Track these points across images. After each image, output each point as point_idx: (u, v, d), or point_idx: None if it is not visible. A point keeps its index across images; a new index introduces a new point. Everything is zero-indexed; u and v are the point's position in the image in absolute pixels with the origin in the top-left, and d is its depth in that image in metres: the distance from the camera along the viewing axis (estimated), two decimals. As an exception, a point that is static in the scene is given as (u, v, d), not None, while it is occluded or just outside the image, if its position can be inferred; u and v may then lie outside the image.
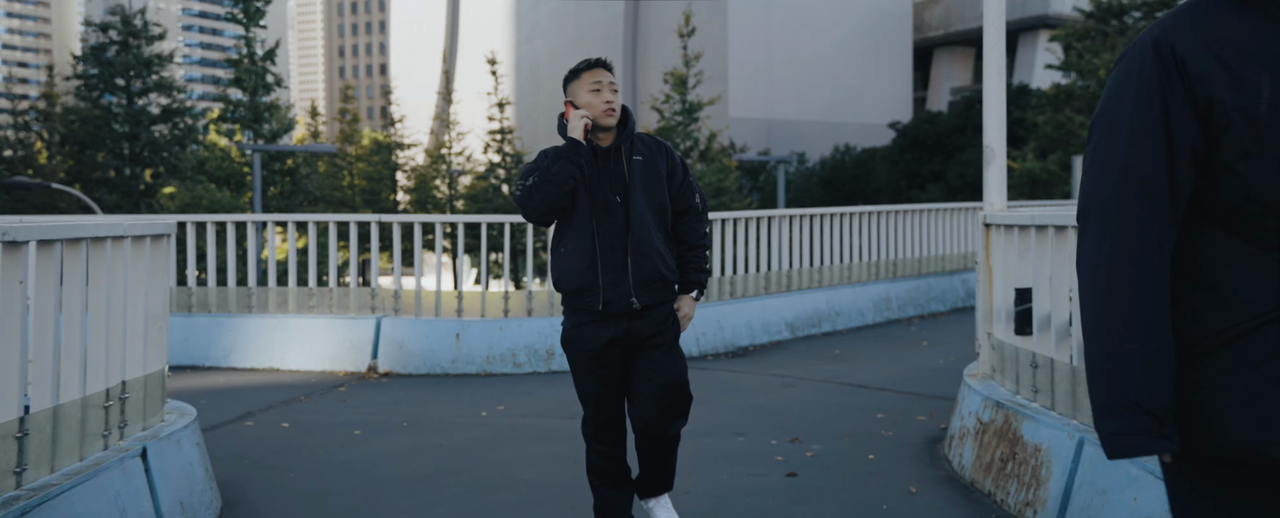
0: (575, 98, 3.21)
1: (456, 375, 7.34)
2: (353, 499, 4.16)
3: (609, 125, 3.19)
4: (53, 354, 3.06)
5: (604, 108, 3.16)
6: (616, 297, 3.16)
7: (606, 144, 3.21)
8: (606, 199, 3.16)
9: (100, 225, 3.34)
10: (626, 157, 3.21)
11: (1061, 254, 3.87)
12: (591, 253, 3.15)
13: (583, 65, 3.22)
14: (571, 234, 3.19)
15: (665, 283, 3.23)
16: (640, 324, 3.21)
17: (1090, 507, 3.30)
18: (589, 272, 3.15)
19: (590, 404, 3.29)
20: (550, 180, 3.08)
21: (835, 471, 4.50)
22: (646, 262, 3.16)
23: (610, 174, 3.18)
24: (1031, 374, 4.10)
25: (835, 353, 8.28)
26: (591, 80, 3.18)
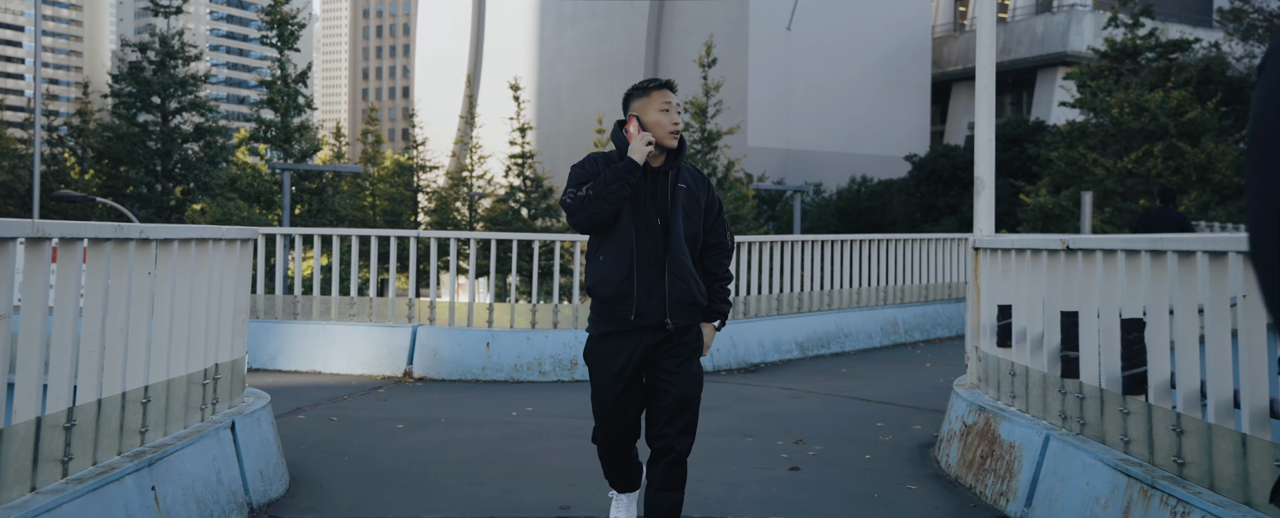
0: (642, 114, 3.23)
1: (486, 382, 7.87)
2: (403, 479, 4.69)
3: (671, 147, 3.24)
4: (168, 336, 3.61)
5: (671, 128, 3.21)
6: (648, 310, 3.21)
7: (657, 165, 3.26)
8: (649, 218, 3.21)
9: (203, 229, 3.90)
10: (673, 182, 3.26)
11: (1037, 274, 4.38)
12: (629, 265, 3.20)
13: (653, 84, 3.26)
14: (611, 245, 3.24)
15: (698, 307, 3.30)
16: (667, 344, 3.26)
17: (1052, 492, 3.79)
18: (626, 282, 3.20)
19: (604, 417, 3.31)
20: (604, 197, 3.13)
21: (833, 467, 4.99)
22: (682, 284, 3.22)
23: (656, 195, 3.24)
24: (1010, 381, 4.60)
25: (842, 371, 8.77)
26: (661, 100, 3.22)
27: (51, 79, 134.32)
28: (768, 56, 47.84)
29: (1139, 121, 23.54)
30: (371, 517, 4.06)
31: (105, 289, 3.17)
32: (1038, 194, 25.51)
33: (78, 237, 2.95)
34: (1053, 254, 4.21)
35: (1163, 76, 24.24)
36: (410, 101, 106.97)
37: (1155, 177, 23.17)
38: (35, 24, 21.08)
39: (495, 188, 40.27)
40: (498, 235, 8.62)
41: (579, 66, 54.07)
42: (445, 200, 40.01)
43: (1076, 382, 3.93)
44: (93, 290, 3.14)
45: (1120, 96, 23.90)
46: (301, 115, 28.57)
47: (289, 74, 27.99)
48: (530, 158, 38.07)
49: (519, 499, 4.33)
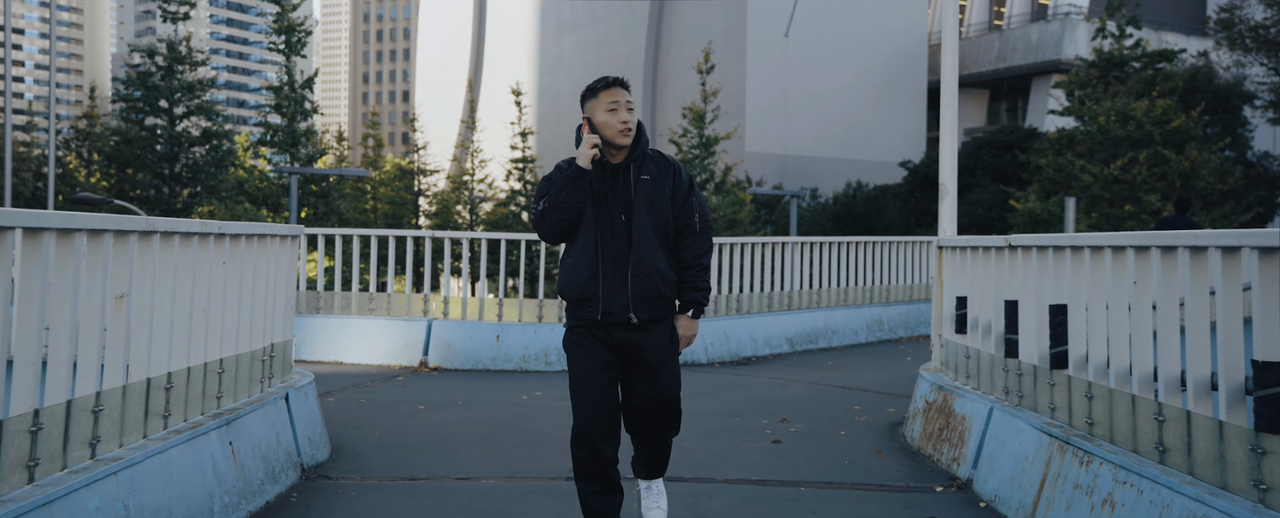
0: (593, 115, 3.26)
1: (497, 371, 8.49)
2: (431, 449, 5.30)
3: (623, 145, 3.24)
4: (237, 317, 4.23)
5: (620, 128, 3.22)
6: (615, 308, 3.24)
7: (617, 161, 3.28)
8: (611, 215, 3.25)
9: (262, 226, 4.51)
10: (635, 175, 3.27)
11: (987, 269, 5.01)
12: (593, 265, 3.24)
13: (600, 84, 3.27)
14: (576, 247, 3.29)
15: (664, 299, 3.30)
16: (639, 338, 3.28)
17: (993, 455, 4.41)
18: (590, 282, 3.24)
19: (581, 405, 3.29)
20: (559, 208, 3.21)
21: (811, 441, 5.61)
22: (645, 279, 3.24)
23: (618, 191, 3.26)
24: (965, 363, 5.22)
25: (828, 364, 9.39)
26: (609, 100, 3.23)
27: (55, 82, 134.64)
28: (765, 63, 48.51)
29: (1125, 129, 24.19)
30: (407, 477, 4.67)
31: (192, 277, 3.79)
32: (1027, 200, 26.14)
33: (177, 231, 3.57)
34: (999, 251, 4.84)
35: (1149, 86, 24.88)
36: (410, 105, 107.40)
37: (1140, 183, 23.81)
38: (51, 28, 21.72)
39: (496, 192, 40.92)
40: (507, 236, 9.24)
41: (578, 72, 54.69)
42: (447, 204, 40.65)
43: (1016, 360, 4.56)
44: (181, 278, 3.75)
45: (1107, 105, 24.55)
46: (308, 120, 29.21)
47: (295, 79, 28.62)
48: (531, 162, 38.67)
49: (533, 465, 4.95)
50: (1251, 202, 27.70)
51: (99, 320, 3.13)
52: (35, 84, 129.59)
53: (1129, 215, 23.55)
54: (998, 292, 4.82)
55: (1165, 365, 3.32)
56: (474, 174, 42.42)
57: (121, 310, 3.25)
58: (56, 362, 2.88)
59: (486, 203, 41.03)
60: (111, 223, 3.15)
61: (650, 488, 3.59)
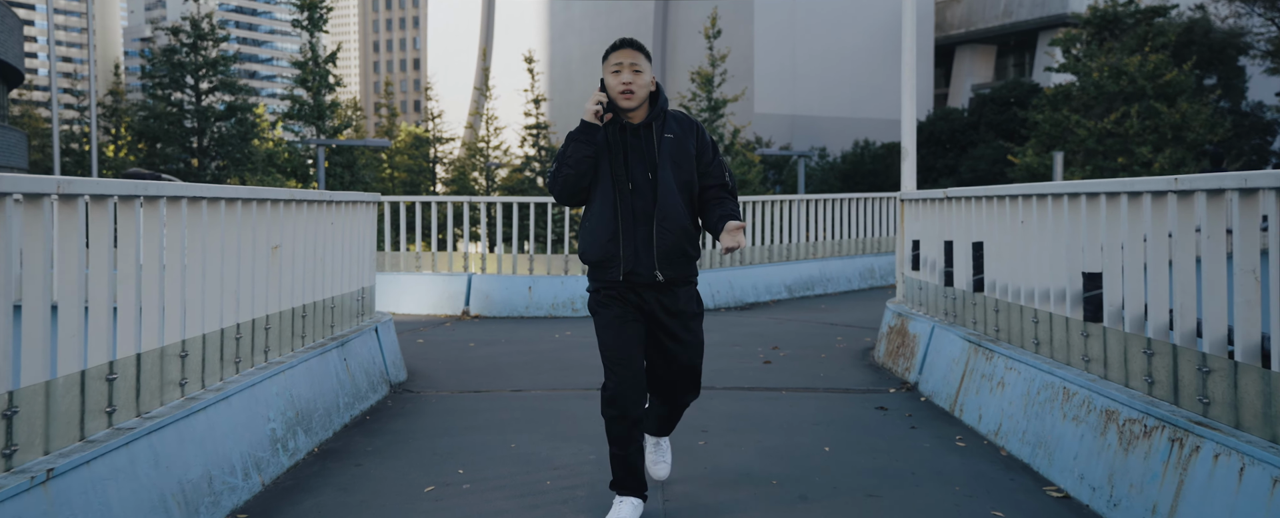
0: (605, 76, 3.26)
1: (530, 318, 9.74)
2: (485, 372, 6.55)
3: (626, 108, 3.21)
4: (341, 266, 5.46)
5: (620, 88, 3.19)
6: (640, 267, 3.21)
7: (637, 121, 3.25)
8: (635, 174, 3.21)
9: (353, 195, 5.71)
10: (657, 134, 3.24)
11: (932, 216, 6.18)
12: (613, 225, 3.20)
13: (610, 46, 3.26)
14: (594, 208, 3.26)
15: (688, 258, 3.27)
16: (666, 300, 3.27)
17: (932, 362, 5.63)
18: (610, 243, 3.21)
19: (611, 363, 3.27)
20: (567, 163, 3.19)
21: (796, 361, 6.84)
22: (671, 236, 3.21)
23: (640, 150, 3.23)
24: (918, 293, 6.42)
25: (821, 307, 10.60)
26: (614, 62, 3.22)
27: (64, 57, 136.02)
28: (773, 25, 49.17)
29: (1118, 84, 25.08)
30: (470, 390, 5.93)
31: (314, 234, 5.02)
32: (1025, 155, 27.11)
33: (307, 199, 4.79)
34: (941, 202, 6.01)
35: (1142, 41, 25.72)
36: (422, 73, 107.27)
37: (1133, 136, 24.76)
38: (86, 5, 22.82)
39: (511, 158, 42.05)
40: (536, 199, 10.43)
41: (589, 38, 55.46)
42: (463, 170, 41.82)
43: (951, 288, 5.75)
44: (308, 235, 4.97)
45: (1101, 61, 25.41)
46: (332, 93, 30.36)
47: (320, 55, 29.72)
48: (544, 128, 39.66)
49: (569, 380, 6.20)
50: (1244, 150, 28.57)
51: (261, 265, 4.36)
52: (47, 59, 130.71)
53: (1122, 167, 24.53)
54: (940, 234, 6.01)
55: (1040, 283, 4.51)
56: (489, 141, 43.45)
57: (276, 259, 4.48)
58: (240, 293, 4.11)
59: (502, 168, 42.11)
60: (267, 193, 4.36)
61: (658, 444, 3.71)
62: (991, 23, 56.64)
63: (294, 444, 4.22)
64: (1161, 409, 3.29)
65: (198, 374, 3.71)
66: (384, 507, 3.64)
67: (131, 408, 3.23)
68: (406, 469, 4.14)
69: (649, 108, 3.27)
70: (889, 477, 3.98)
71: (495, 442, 4.59)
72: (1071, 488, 3.70)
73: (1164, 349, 3.42)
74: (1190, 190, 3.26)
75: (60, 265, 2.92)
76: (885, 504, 3.62)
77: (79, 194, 2.91)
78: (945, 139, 38.97)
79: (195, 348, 3.69)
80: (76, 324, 2.90)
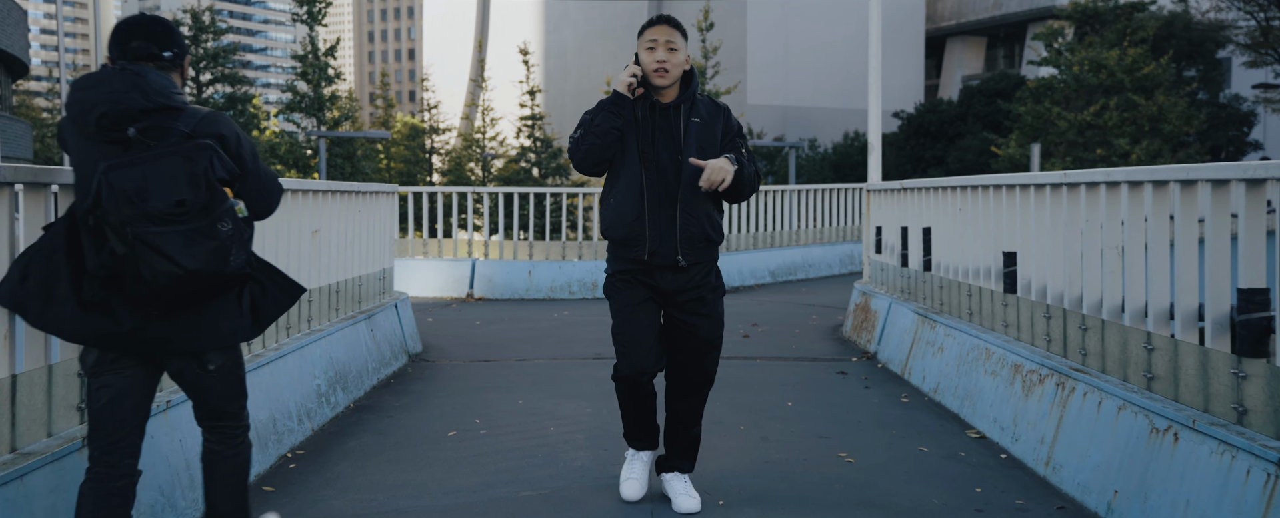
0: (639, 52, 3.23)
1: (530, 299, 10.47)
2: (492, 345, 7.29)
3: (658, 85, 3.18)
4: (366, 249, 6.19)
5: (655, 66, 3.17)
6: (662, 249, 3.19)
7: (667, 101, 3.23)
8: (659, 155, 3.19)
9: (376, 185, 6.42)
10: (685, 116, 3.21)
11: (891, 205, 6.91)
12: (639, 205, 3.19)
13: (647, 22, 3.23)
14: (621, 185, 3.23)
15: (710, 242, 3.25)
16: (683, 279, 3.23)
17: (889, 333, 6.37)
18: (637, 222, 3.19)
19: (625, 347, 3.28)
20: (593, 132, 3.14)
21: (772, 336, 7.59)
22: (694, 220, 3.19)
23: (667, 131, 3.20)
24: (879, 274, 7.17)
25: (801, 290, 11.35)
26: (649, 38, 3.19)
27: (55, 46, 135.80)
28: (766, 17, 49.81)
29: (1097, 78, 25.82)
30: (480, 359, 6.67)
31: (345, 220, 5.74)
32: (1008, 146, 27.85)
33: (341, 190, 5.51)
34: (900, 192, 6.75)
35: (1121, 36, 26.43)
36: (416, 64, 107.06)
37: (1111, 128, 25.51)
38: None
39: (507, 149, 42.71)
40: (535, 189, 11.15)
41: (584, 29, 56.00)
42: (459, 161, 42.47)
43: (907, 269, 6.49)
44: (341, 221, 5.69)
45: (1081, 55, 26.14)
46: (331, 85, 31.01)
47: (319, 48, 30.35)
48: (540, 119, 40.26)
49: (570, 351, 6.94)
50: (1221, 141, 29.36)
51: (305, 247, 5.08)
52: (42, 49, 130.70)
53: (1100, 158, 25.29)
54: (898, 221, 6.75)
55: (974, 263, 5.25)
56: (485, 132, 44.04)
57: (316, 241, 5.21)
58: (288, 270, 4.83)
59: (498, 159, 42.74)
60: (309, 185, 5.08)
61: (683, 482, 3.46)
62: (982, 15, 57.31)
63: (335, 399, 4.96)
64: (1053, 361, 4.04)
65: (262, 337, 4.44)
66: (415, 446, 4.38)
67: (214, 360, 3.96)
68: (430, 419, 4.88)
69: (680, 89, 3.24)
70: (838, 424, 4.73)
71: (505, 399, 5.33)
72: (987, 430, 4.45)
73: (1058, 313, 4.17)
74: (1076, 183, 3.99)
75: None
76: (831, 443, 4.37)
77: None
78: (934, 130, 39.72)
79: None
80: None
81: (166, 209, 2.30)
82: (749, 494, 3.62)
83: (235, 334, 2.55)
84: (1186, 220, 3.21)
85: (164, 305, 2.38)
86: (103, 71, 2.45)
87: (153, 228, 2.29)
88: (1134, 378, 3.49)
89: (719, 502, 3.52)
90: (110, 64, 2.49)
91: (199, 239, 2.32)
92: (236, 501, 2.69)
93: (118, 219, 2.29)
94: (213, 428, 2.68)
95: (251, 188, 2.56)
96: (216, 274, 2.36)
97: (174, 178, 2.33)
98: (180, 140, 2.39)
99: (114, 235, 2.31)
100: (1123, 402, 3.38)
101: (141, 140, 2.38)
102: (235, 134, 2.51)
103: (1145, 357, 3.41)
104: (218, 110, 3.20)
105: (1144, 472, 3.14)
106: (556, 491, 3.70)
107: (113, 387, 2.45)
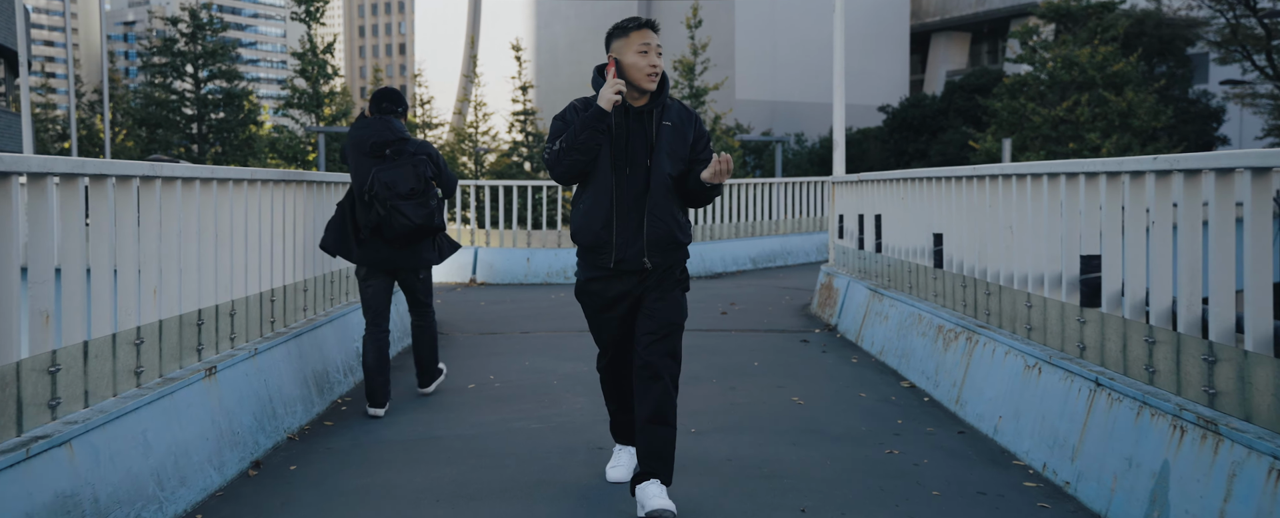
0: (621, 55, 3.16)
1: (528, 284, 11.37)
2: (497, 321, 8.18)
3: (649, 89, 3.17)
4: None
5: (648, 70, 3.15)
6: (629, 255, 3.21)
7: (640, 105, 3.21)
8: (631, 159, 3.18)
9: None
10: (657, 120, 3.21)
11: (852, 195, 7.83)
12: (608, 211, 3.20)
13: (633, 24, 3.19)
14: (590, 192, 3.23)
15: (677, 244, 3.27)
16: (650, 279, 3.27)
17: (847, 307, 7.29)
18: (604, 230, 3.20)
19: (603, 346, 3.47)
20: (576, 148, 3.13)
21: (748, 312, 8.50)
22: (661, 224, 3.21)
23: (639, 135, 3.20)
24: (842, 257, 8.09)
25: (778, 275, 12.27)
26: (640, 41, 3.15)
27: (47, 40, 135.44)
28: (754, 14, 50.69)
29: (1069, 74, 26.79)
30: (487, 332, 7.55)
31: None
32: (985, 141, 28.82)
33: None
34: (857, 184, 7.66)
35: (1093, 34, 27.41)
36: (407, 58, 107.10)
37: (1083, 123, 26.49)
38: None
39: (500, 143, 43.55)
40: (533, 183, 12.04)
41: (574, 25, 56.78)
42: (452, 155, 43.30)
43: (862, 251, 7.41)
44: (366, 209, 6.55)
45: (1055, 52, 27.11)
46: (329, 82, 31.78)
47: (317, 45, 31.11)
48: (532, 114, 41.06)
49: (566, 324, 7.84)
50: (1187, 133, 30.39)
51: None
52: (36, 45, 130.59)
53: (1073, 152, 26.27)
54: (856, 209, 7.66)
55: (913, 244, 6.16)
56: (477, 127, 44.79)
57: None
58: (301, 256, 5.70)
59: (491, 154, 43.54)
60: (346, 178, 5.95)
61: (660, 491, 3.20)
62: (966, 11, 58.29)
63: (370, 359, 5.85)
64: (966, 321, 4.96)
65: (315, 303, 5.33)
66: (443, 393, 5.27)
67: (282, 321, 4.84)
68: (452, 375, 5.77)
69: (652, 95, 3.24)
70: (794, 378, 5.64)
71: (513, 361, 6.23)
72: (917, 380, 5.37)
73: (971, 283, 5.08)
74: (982, 176, 4.90)
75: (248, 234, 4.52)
76: (786, 391, 5.28)
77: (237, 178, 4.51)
78: (917, 124, 40.69)
79: (316, 285, 5.31)
80: (260, 265, 4.52)
81: (406, 191, 4.64)
82: (716, 425, 4.53)
83: (429, 261, 4.94)
84: (1053, 205, 4.12)
85: (399, 244, 4.76)
86: (370, 118, 4.76)
87: (399, 201, 4.62)
88: (1019, 330, 4.40)
89: (692, 430, 4.42)
90: (369, 114, 4.78)
91: (421, 207, 4.68)
92: (432, 353, 5.12)
93: (381, 197, 4.61)
94: (418, 312, 5.09)
95: (445, 181, 4.89)
96: (427, 226, 4.71)
97: (408, 176, 4.66)
98: (409, 156, 4.72)
99: (378, 205, 4.63)
100: (1009, 348, 4.30)
101: (390, 156, 4.69)
102: (436, 153, 4.83)
103: (1026, 313, 4.33)
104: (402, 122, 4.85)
105: (1019, 399, 4.06)
106: (561, 424, 4.60)
107: (373, 285, 4.88)
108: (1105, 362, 3.58)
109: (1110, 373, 3.49)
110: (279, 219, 4.88)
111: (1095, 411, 3.43)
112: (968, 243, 5.14)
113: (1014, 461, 3.90)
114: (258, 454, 3.99)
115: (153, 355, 3.51)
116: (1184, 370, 3.08)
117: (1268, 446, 2.54)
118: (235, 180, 4.31)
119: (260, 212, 4.63)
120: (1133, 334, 3.41)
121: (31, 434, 2.73)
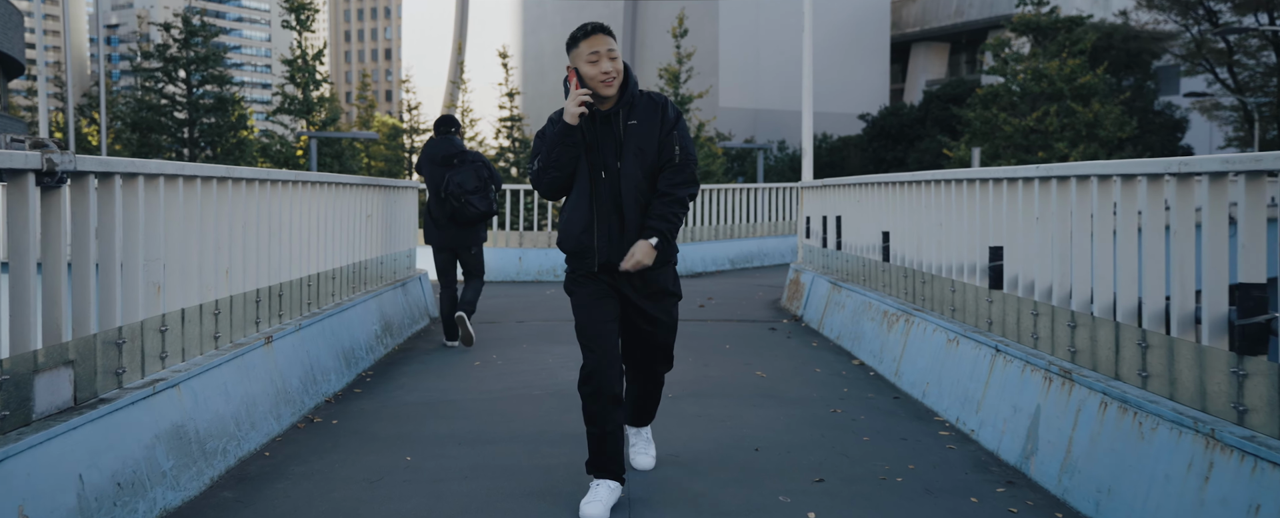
0: (577, 65, 3.20)
1: (521, 281, 12.14)
2: (494, 312, 8.94)
3: (607, 95, 3.19)
4: (399, 232, 7.83)
5: (602, 78, 3.16)
6: (613, 257, 3.26)
7: (607, 109, 3.23)
8: (605, 163, 3.22)
9: (405, 181, 8.05)
10: (623, 121, 3.23)
11: (818, 199, 8.65)
12: (588, 216, 3.24)
13: (580, 32, 3.19)
14: (572, 198, 3.30)
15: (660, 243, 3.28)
16: (638, 282, 3.31)
17: (811, 300, 8.11)
18: (585, 234, 3.25)
19: (589, 342, 3.29)
20: (553, 166, 3.22)
21: (722, 306, 9.31)
22: (638, 225, 3.26)
23: (611, 138, 3.23)
24: (809, 255, 8.91)
25: (756, 274, 13.09)
26: (589, 51, 3.16)
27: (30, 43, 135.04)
28: (738, 23, 51.65)
29: (1039, 86, 27.81)
30: (488, 321, 8.32)
31: (385, 208, 7.38)
32: (958, 149, 29.80)
33: (381, 184, 7.17)
34: (821, 189, 8.48)
35: (1062, 48, 28.46)
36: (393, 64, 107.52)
37: (1052, 133, 27.51)
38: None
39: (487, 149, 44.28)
40: (525, 188, 12.80)
41: (560, 31, 57.41)
42: (441, 161, 43.94)
43: (825, 248, 8.23)
44: (383, 209, 7.32)
45: (1025, 65, 28.13)
46: (319, 89, 32.46)
47: (307, 52, 31.78)
48: (519, 120, 41.77)
49: (558, 315, 8.62)
50: (1152, 143, 31.49)
51: (362, 227, 6.71)
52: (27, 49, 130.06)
53: (1042, 161, 27.28)
54: (820, 211, 8.49)
55: (867, 241, 6.98)
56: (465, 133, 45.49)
57: (370, 224, 6.85)
58: (355, 244, 6.46)
59: (478, 159, 44.14)
60: (369, 181, 6.72)
61: (640, 433, 3.77)
62: (944, 22, 59.46)
63: (387, 341, 6.61)
64: (906, 305, 5.77)
65: (343, 290, 6.10)
66: (454, 368, 6.04)
67: (317, 303, 5.61)
68: (459, 356, 6.54)
69: (617, 96, 3.25)
70: (759, 358, 6.44)
71: (512, 345, 7.01)
72: (865, 358, 6.18)
73: (911, 274, 5.90)
74: (921, 181, 5.72)
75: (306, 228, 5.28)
76: (751, 367, 6.08)
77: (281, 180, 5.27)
78: (895, 133, 41.73)
79: (343, 274, 6.08)
80: (303, 255, 5.28)
81: (472, 188, 6.66)
82: (689, 393, 5.32)
83: (483, 239, 6.94)
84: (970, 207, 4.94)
85: (465, 225, 6.79)
86: (436, 137, 6.77)
87: (468, 195, 6.66)
88: (945, 311, 5.22)
89: (669, 394, 5.20)
90: (437, 134, 6.77)
91: (484, 199, 6.73)
92: (475, 297, 6.89)
93: (454, 193, 6.63)
94: (469, 277, 6.97)
95: (495, 180, 6.77)
96: (488, 211, 6.75)
97: (470, 177, 6.68)
98: (470, 163, 6.68)
99: (451, 199, 6.65)
100: (936, 326, 5.11)
101: (456, 164, 6.66)
102: (486, 160, 6.76)
103: (950, 296, 5.14)
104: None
105: (941, 367, 4.87)
106: (559, 391, 5.38)
107: (443, 258, 6.97)
108: (1005, 332, 4.40)
109: (1006, 341, 4.30)
110: (314, 215, 5.65)
111: (995, 371, 4.24)
112: (909, 239, 5.96)
113: (935, 417, 4.71)
114: (304, 412, 4.75)
115: (226, 325, 4.27)
116: (1056, 335, 3.89)
117: (1100, 386, 3.36)
118: (284, 181, 5.07)
119: (302, 209, 5.39)
120: (1023, 310, 4.22)
121: (151, 377, 3.49)
